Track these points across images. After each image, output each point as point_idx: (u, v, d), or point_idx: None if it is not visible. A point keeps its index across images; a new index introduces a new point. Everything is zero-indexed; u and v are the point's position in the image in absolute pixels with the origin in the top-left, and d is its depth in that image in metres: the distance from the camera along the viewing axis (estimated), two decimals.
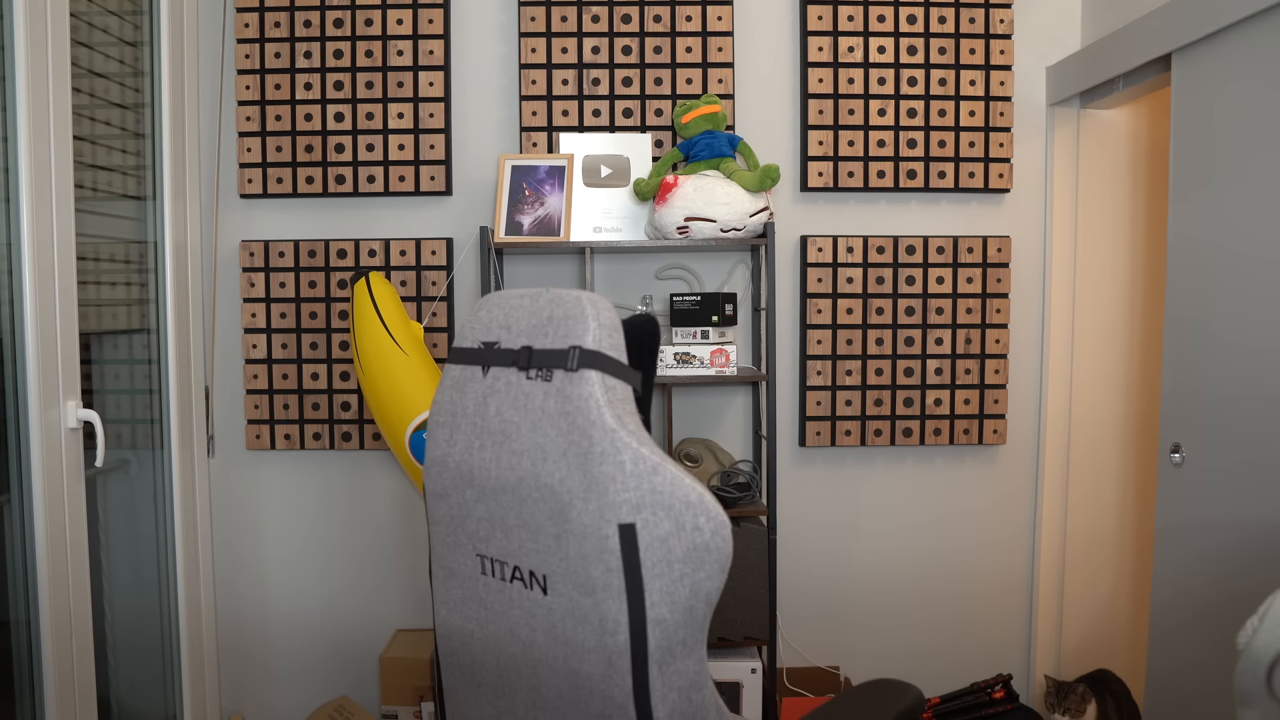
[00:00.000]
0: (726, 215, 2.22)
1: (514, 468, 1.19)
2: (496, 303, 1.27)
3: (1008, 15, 2.52)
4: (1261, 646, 1.15)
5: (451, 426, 1.28)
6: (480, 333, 1.27)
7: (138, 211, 2.24)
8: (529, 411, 1.18)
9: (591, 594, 1.13)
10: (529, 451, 1.17)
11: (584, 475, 1.12)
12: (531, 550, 1.19)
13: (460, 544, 1.29)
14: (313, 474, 2.59)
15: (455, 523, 1.28)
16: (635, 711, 1.14)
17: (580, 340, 1.15)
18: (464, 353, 1.28)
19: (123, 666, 2.22)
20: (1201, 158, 1.95)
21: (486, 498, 1.23)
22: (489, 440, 1.22)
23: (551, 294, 1.21)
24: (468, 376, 1.27)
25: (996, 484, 2.65)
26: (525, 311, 1.22)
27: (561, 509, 1.14)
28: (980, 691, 2.52)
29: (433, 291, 2.50)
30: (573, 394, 1.13)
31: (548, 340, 1.18)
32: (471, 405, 1.25)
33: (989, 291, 2.55)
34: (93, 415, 1.86)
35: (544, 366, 1.17)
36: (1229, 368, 1.86)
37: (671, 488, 1.11)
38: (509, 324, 1.23)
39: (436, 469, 1.30)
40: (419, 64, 2.47)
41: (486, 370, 1.24)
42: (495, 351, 1.24)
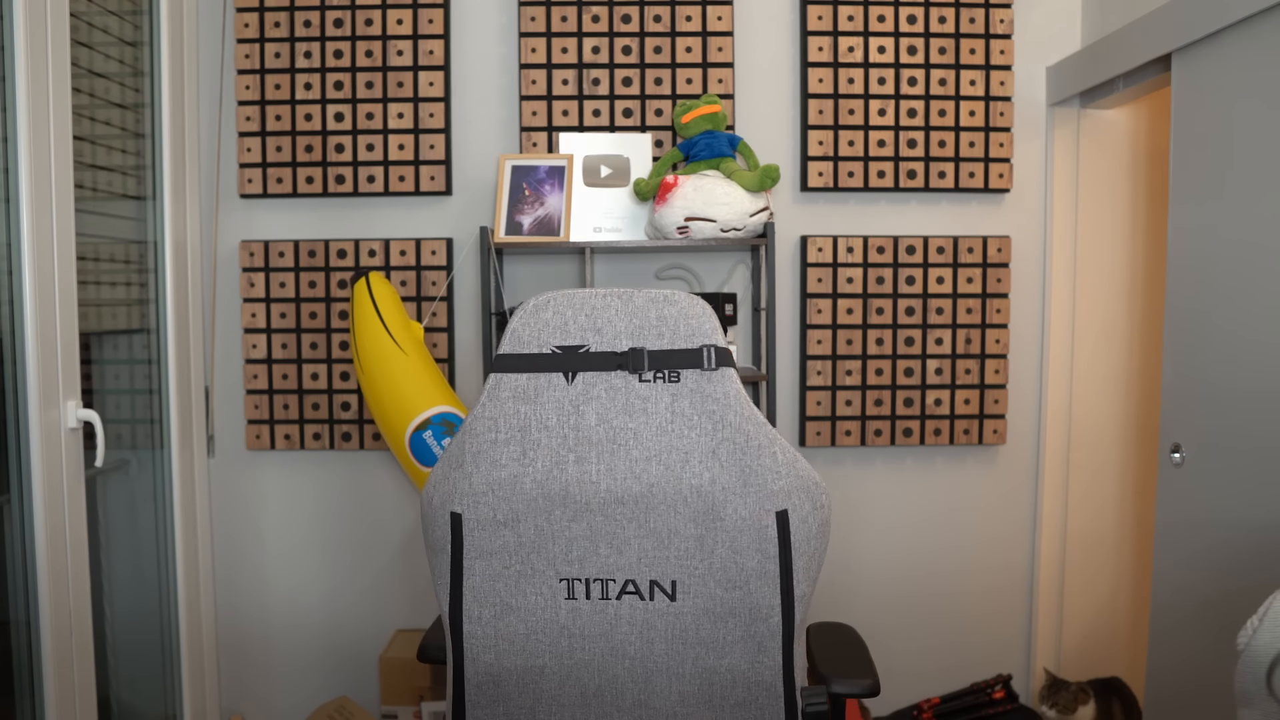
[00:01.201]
0: (726, 215, 2.22)
1: (639, 476, 1.15)
2: (568, 304, 1.19)
3: (1008, 15, 2.52)
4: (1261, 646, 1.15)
5: (523, 443, 1.17)
6: (552, 336, 1.18)
7: (138, 211, 2.24)
8: (652, 415, 1.16)
9: (742, 586, 1.16)
10: (660, 456, 1.15)
11: (740, 471, 1.15)
12: (658, 559, 1.17)
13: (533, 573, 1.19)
14: (313, 474, 2.59)
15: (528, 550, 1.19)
16: (783, 688, 1.20)
17: (712, 339, 1.17)
18: (531, 359, 1.18)
19: (123, 666, 2.22)
20: (1201, 158, 1.95)
21: (589, 513, 1.16)
22: (591, 452, 1.16)
23: (651, 294, 1.19)
24: (541, 385, 1.18)
25: (996, 484, 2.65)
26: (619, 312, 1.18)
27: (711, 508, 1.15)
28: (980, 691, 2.53)
29: (433, 291, 2.50)
30: (715, 393, 1.15)
31: (664, 341, 1.16)
32: (554, 416, 1.17)
33: (989, 291, 2.55)
34: (93, 415, 1.86)
35: (668, 368, 1.16)
36: (1229, 367, 1.86)
37: (807, 471, 1.18)
38: (598, 326, 1.17)
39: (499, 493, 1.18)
40: (419, 64, 2.47)
41: (572, 376, 1.17)
42: (586, 355, 1.17)
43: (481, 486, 1.17)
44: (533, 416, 1.17)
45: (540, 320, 1.18)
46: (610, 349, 1.17)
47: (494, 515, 1.18)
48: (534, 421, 1.17)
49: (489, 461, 1.17)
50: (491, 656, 1.21)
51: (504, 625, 1.20)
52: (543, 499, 1.17)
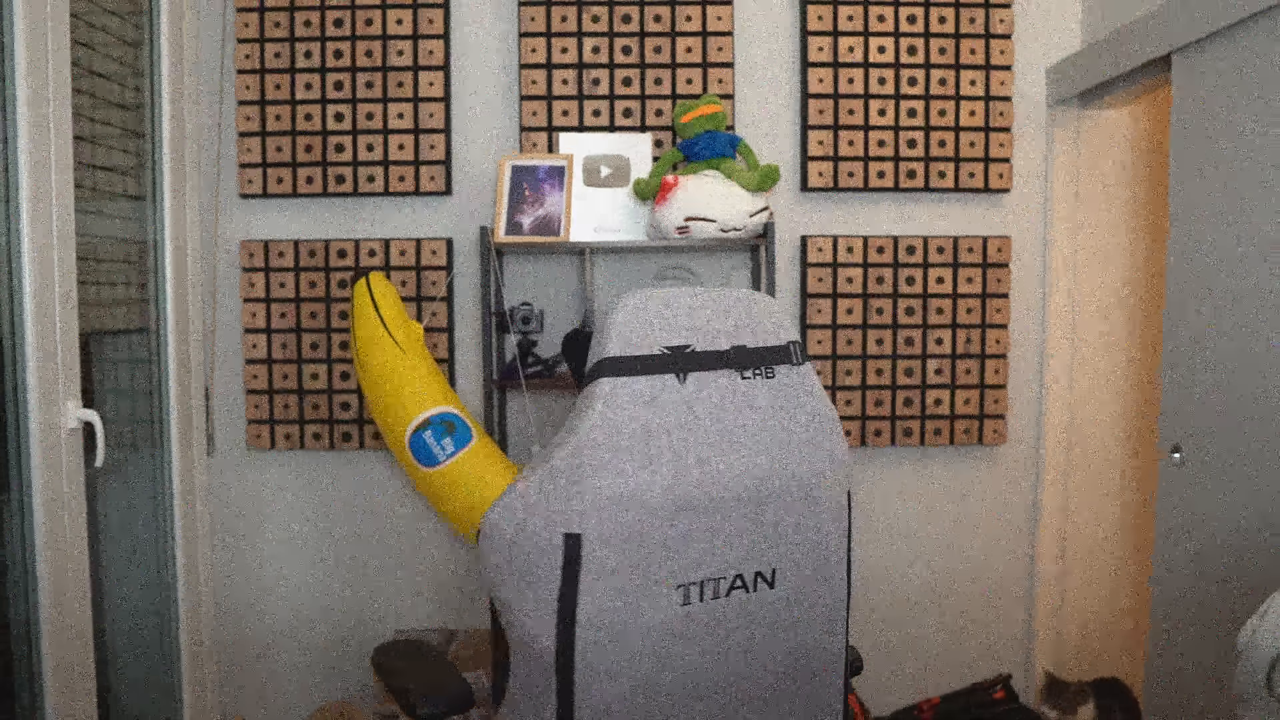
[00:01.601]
0: (726, 215, 2.22)
1: (750, 471, 1.17)
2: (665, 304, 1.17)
3: (1008, 15, 2.52)
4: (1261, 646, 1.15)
5: (647, 449, 1.11)
6: (660, 336, 1.15)
7: (138, 211, 2.24)
8: (755, 411, 1.19)
9: (825, 564, 1.24)
10: (767, 450, 1.19)
11: (830, 456, 1.23)
12: (763, 550, 1.20)
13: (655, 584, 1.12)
14: (313, 474, 2.59)
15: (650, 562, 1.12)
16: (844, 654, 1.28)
17: (793, 335, 1.25)
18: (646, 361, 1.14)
19: (123, 667, 2.22)
20: (1201, 158, 1.95)
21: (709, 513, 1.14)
22: (711, 452, 1.14)
23: (737, 293, 1.23)
24: (657, 387, 1.14)
25: (996, 484, 2.65)
26: (715, 312, 1.20)
27: (809, 493, 1.21)
28: (980, 691, 2.52)
29: (433, 291, 2.50)
30: (804, 385, 1.23)
31: (756, 339, 1.21)
32: (673, 419, 1.13)
33: (989, 292, 2.55)
34: (93, 415, 1.86)
35: (764, 364, 1.21)
36: (1229, 368, 1.86)
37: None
38: (696, 325, 1.18)
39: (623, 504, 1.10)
40: (419, 64, 2.47)
41: (684, 377, 1.15)
42: (694, 355, 1.16)
43: (605, 500, 1.10)
44: (654, 422, 1.12)
45: (642, 319, 1.15)
46: (712, 347, 1.18)
47: (619, 530, 1.10)
48: (655, 427, 1.12)
49: (614, 472, 1.10)
50: (607, 682, 1.12)
51: (621, 647, 1.12)
52: (669, 506, 1.12)
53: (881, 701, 2.67)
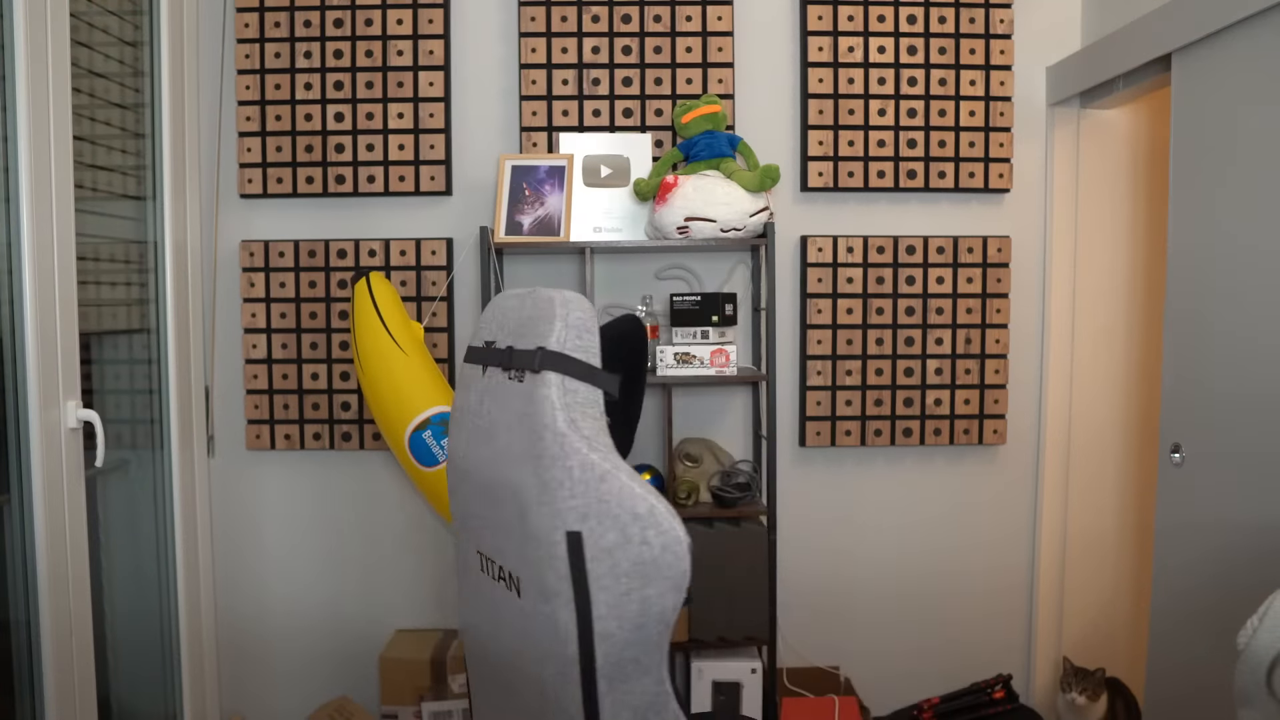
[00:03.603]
0: (726, 215, 2.22)
1: (493, 466, 1.20)
2: (499, 302, 1.30)
3: (1008, 15, 2.51)
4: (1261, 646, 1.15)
5: (458, 424, 1.32)
6: (484, 332, 1.30)
7: (138, 211, 2.24)
8: (506, 412, 1.18)
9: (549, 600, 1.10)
10: (503, 452, 1.16)
11: (537, 479, 1.10)
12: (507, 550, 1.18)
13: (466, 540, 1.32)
14: (313, 474, 2.59)
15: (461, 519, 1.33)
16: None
17: (544, 341, 1.13)
18: (471, 351, 1.31)
19: (123, 666, 2.22)
20: (1201, 158, 1.95)
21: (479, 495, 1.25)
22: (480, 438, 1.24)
23: (535, 294, 1.20)
24: (471, 375, 1.30)
25: (996, 484, 2.65)
26: (513, 311, 1.24)
27: (523, 511, 1.12)
28: (980, 691, 2.52)
29: (433, 291, 2.50)
30: (534, 395, 1.12)
31: (525, 341, 1.17)
32: (473, 403, 1.28)
33: (989, 291, 2.55)
34: (93, 415, 1.86)
35: (520, 367, 1.16)
36: (1229, 367, 1.86)
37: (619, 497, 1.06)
38: (503, 323, 1.25)
39: (449, 465, 1.35)
40: (419, 64, 2.47)
41: (485, 370, 1.26)
42: (491, 351, 1.25)
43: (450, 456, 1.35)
44: (465, 402, 1.30)
45: (484, 316, 1.31)
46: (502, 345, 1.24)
47: (449, 484, 1.35)
48: (465, 406, 1.30)
49: (450, 438, 1.35)
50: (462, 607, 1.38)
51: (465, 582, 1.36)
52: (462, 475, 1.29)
53: (881, 701, 2.67)
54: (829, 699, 2.42)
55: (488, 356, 1.25)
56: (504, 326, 1.24)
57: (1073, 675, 2.44)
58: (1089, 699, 2.41)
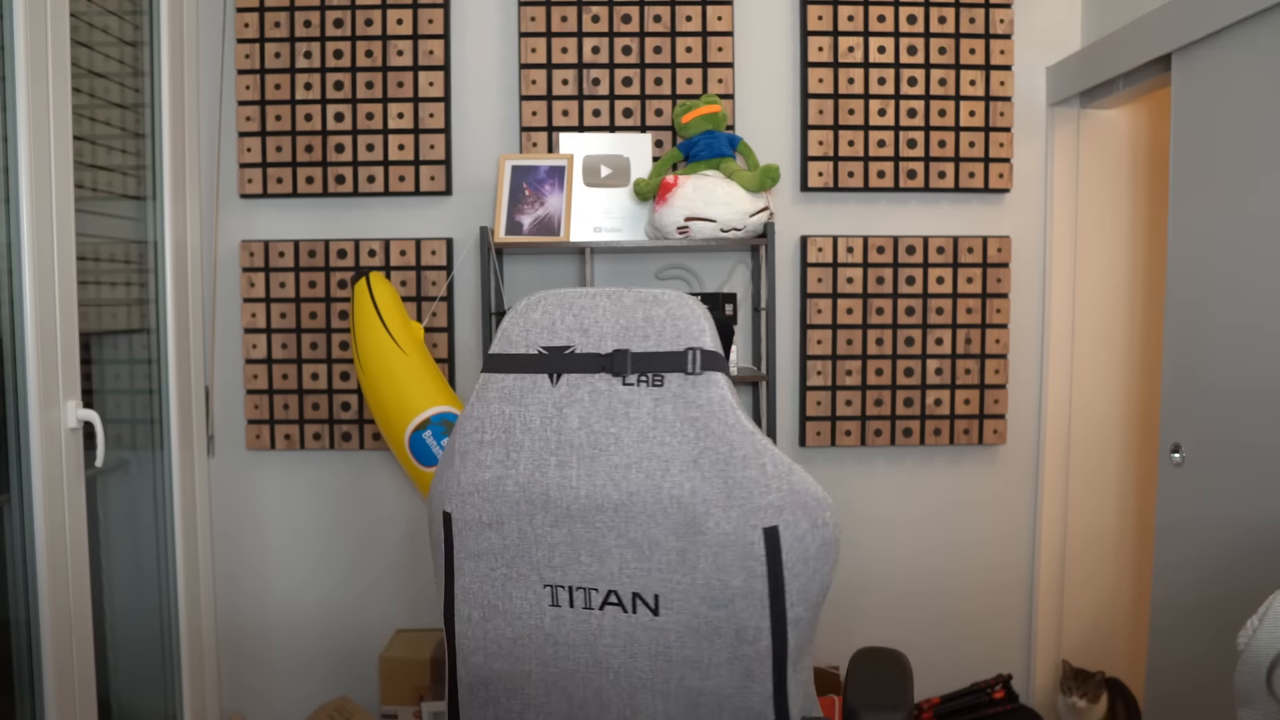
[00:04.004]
0: (726, 215, 2.22)
1: (619, 483, 1.11)
2: (557, 303, 1.16)
3: (1008, 15, 2.52)
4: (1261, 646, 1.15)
5: (507, 444, 1.14)
6: (540, 336, 1.15)
7: (138, 211, 2.24)
8: (633, 420, 1.11)
9: (726, 605, 1.10)
10: (640, 464, 1.10)
11: (724, 482, 1.08)
12: (639, 570, 1.12)
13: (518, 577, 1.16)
14: (313, 474, 2.59)
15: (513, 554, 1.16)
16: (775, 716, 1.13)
17: (698, 341, 1.11)
18: (517, 359, 1.15)
19: (123, 666, 2.22)
20: (1201, 158, 1.95)
21: (569, 520, 1.13)
22: (573, 456, 1.12)
23: (641, 293, 1.15)
24: (526, 386, 1.15)
25: (996, 484, 2.65)
26: (607, 313, 1.14)
27: (693, 520, 1.09)
28: (980, 691, 2.53)
29: (433, 291, 2.50)
30: (699, 398, 1.10)
31: (650, 343, 1.12)
32: (537, 418, 1.13)
33: (989, 291, 2.55)
34: (93, 415, 1.86)
35: (652, 371, 1.11)
36: (1229, 367, 1.86)
37: (805, 486, 1.10)
38: (584, 327, 1.14)
39: (484, 494, 1.15)
40: (419, 64, 2.47)
41: (557, 378, 1.14)
42: (570, 357, 1.14)
43: (469, 487, 1.15)
44: (516, 418, 1.14)
45: (529, 320, 1.16)
46: (595, 350, 1.13)
47: (479, 516, 1.15)
48: (517, 423, 1.14)
49: (475, 462, 1.15)
50: (481, 658, 1.19)
51: (492, 628, 1.17)
52: (524, 502, 1.13)
53: None
54: (829, 699, 2.42)
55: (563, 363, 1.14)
56: (589, 329, 1.14)
57: (1072, 678, 2.45)
58: (1089, 701, 2.41)
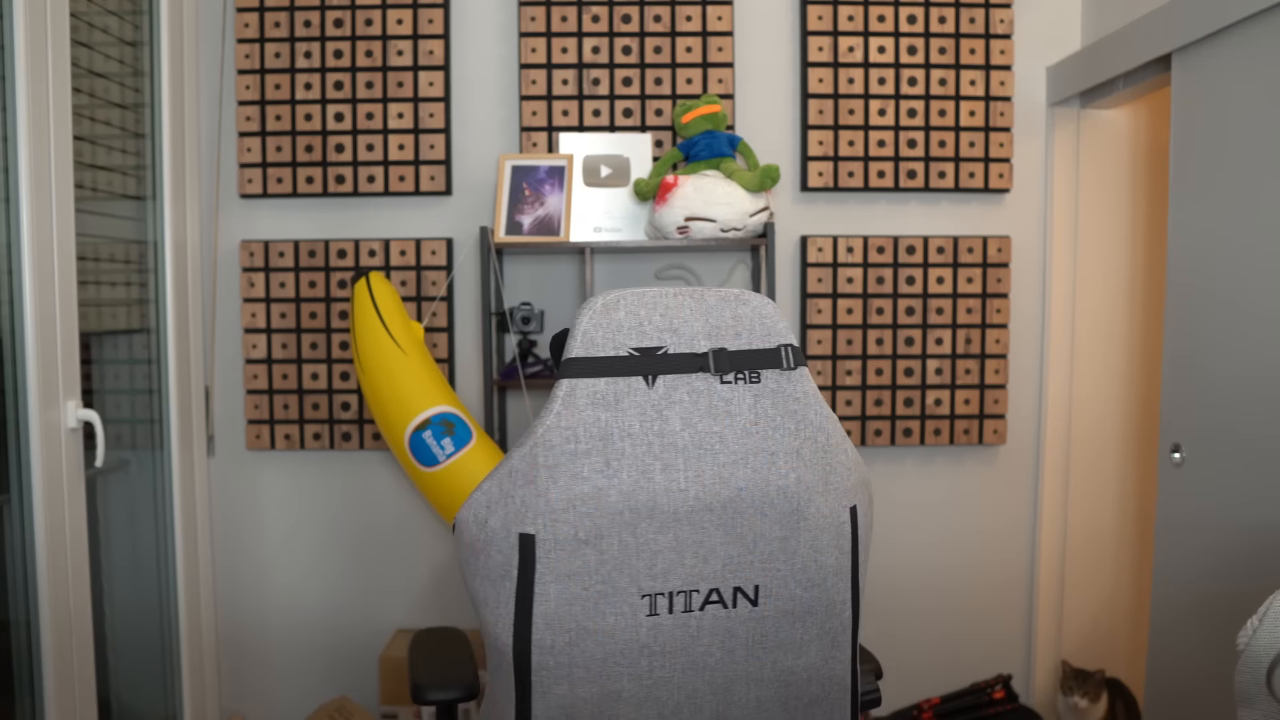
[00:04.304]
0: (726, 215, 2.22)
1: (727, 481, 1.11)
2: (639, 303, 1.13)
3: (1008, 15, 2.52)
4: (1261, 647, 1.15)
5: (605, 453, 1.09)
6: (628, 338, 1.12)
7: (138, 211, 2.24)
8: (735, 418, 1.12)
9: (820, 584, 1.16)
10: (747, 459, 1.12)
11: (824, 469, 1.14)
12: (743, 564, 1.13)
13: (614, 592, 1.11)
14: (313, 474, 2.59)
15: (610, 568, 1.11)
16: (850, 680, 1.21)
17: (786, 338, 1.16)
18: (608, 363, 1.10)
19: (123, 666, 2.22)
20: (1201, 158, 1.95)
21: (676, 524, 1.11)
22: (678, 459, 1.10)
23: (723, 292, 1.16)
24: (621, 390, 1.11)
25: (996, 484, 2.65)
26: (695, 312, 1.13)
27: (797, 508, 1.13)
28: (980, 691, 2.53)
29: (433, 291, 2.50)
30: (795, 392, 1.15)
31: (741, 341, 1.14)
32: (637, 423, 1.10)
33: (989, 292, 2.55)
34: (93, 415, 1.86)
35: (748, 368, 1.14)
36: (1229, 367, 1.86)
37: (865, 468, 1.22)
38: (674, 327, 1.12)
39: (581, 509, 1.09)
40: (419, 64, 2.47)
41: (653, 380, 1.12)
42: (665, 358, 1.12)
43: (561, 503, 1.09)
44: (614, 424, 1.09)
45: (613, 321, 1.11)
46: (690, 350, 1.12)
47: (574, 534, 1.09)
48: (616, 429, 1.09)
49: (569, 475, 1.08)
50: (565, 687, 1.12)
51: (579, 652, 1.11)
52: (629, 512, 1.09)
53: (882, 701, 2.67)
54: None
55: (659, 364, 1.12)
56: (679, 329, 1.13)
57: (1072, 678, 2.45)
58: (1090, 701, 2.41)
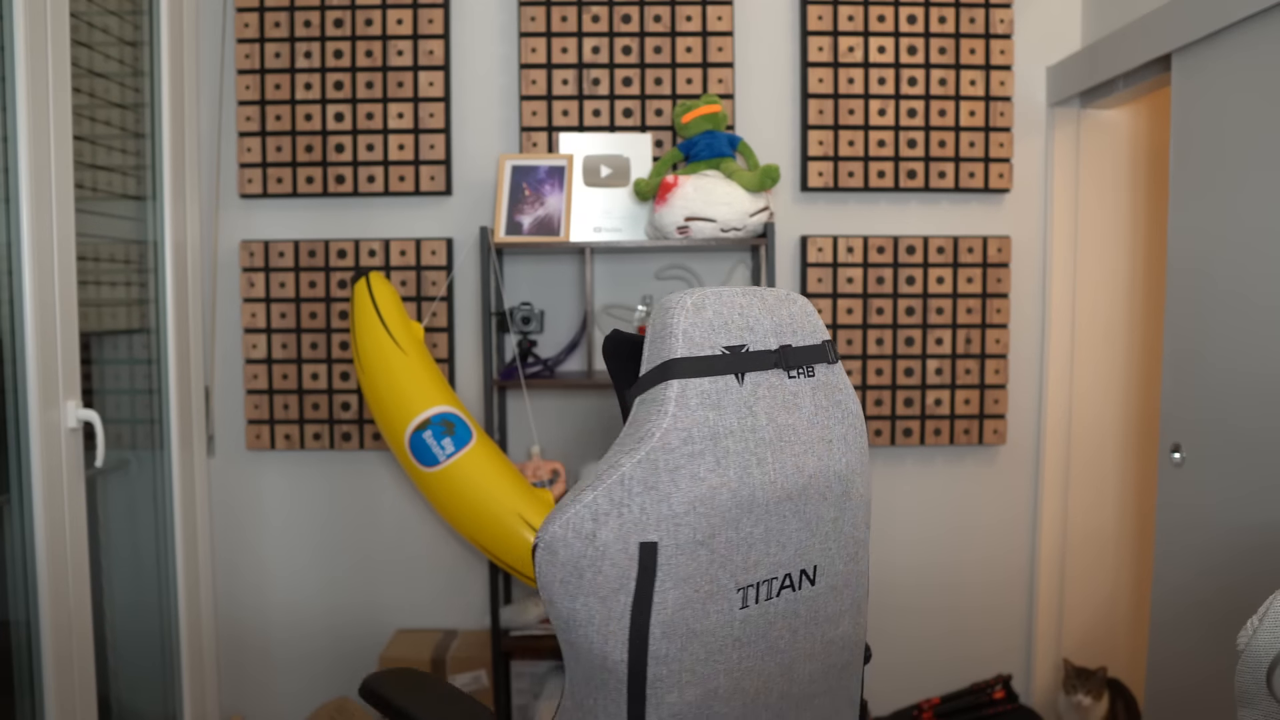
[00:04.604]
0: (726, 215, 2.22)
1: (800, 470, 1.17)
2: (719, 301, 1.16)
3: (1008, 15, 2.52)
4: (1261, 646, 1.15)
5: (715, 452, 1.11)
6: (719, 336, 1.14)
7: (138, 211, 2.24)
8: (800, 410, 1.19)
9: (855, 558, 1.25)
10: (812, 448, 1.19)
11: (860, 452, 1.25)
12: (808, 547, 1.20)
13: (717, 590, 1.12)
14: (313, 474, 2.59)
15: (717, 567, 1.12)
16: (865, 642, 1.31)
17: (824, 334, 1.25)
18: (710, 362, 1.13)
19: (123, 666, 2.22)
20: (1201, 158, 1.95)
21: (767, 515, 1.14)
22: (767, 452, 1.14)
23: (776, 292, 1.23)
24: (720, 389, 1.13)
25: (997, 484, 2.65)
26: (762, 310, 1.19)
27: (846, 490, 1.23)
28: (980, 692, 2.53)
29: (433, 291, 2.50)
30: (838, 384, 1.24)
31: (798, 338, 1.21)
32: (734, 420, 1.13)
33: (989, 292, 2.55)
34: (93, 415, 1.86)
35: (809, 363, 1.22)
36: (1229, 367, 1.86)
37: None
38: (750, 325, 1.17)
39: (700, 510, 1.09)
40: (419, 64, 2.47)
41: (742, 377, 1.15)
42: (749, 355, 1.15)
43: (683, 506, 1.09)
44: (719, 423, 1.11)
45: (703, 320, 1.13)
46: (764, 347, 1.17)
47: (694, 536, 1.09)
48: (721, 428, 1.11)
49: (689, 477, 1.09)
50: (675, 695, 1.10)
51: (687, 656, 1.11)
52: (735, 509, 1.11)
53: (881, 702, 2.67)
54: None
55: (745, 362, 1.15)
56: (754, 327, 1.17)
57: (1075, 677, 2.45)
58: (1093, 699, 2.41)
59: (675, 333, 1.12)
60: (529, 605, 2.40)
